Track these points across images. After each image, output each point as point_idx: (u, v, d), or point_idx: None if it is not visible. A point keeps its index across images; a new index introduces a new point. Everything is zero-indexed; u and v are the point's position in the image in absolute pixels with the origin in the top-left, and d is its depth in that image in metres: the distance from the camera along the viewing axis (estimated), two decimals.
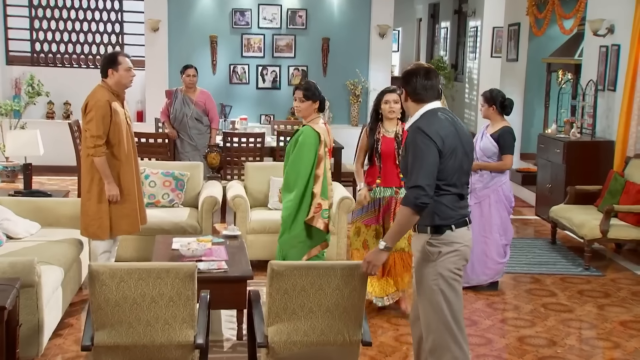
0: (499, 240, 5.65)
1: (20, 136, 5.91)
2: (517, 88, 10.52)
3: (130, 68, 5.03)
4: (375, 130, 4.94)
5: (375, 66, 10.71)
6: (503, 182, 5.60)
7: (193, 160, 7.48)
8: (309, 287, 3.57)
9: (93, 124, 4.88)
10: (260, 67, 10.65)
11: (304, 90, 4.72)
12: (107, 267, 3.47)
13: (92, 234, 5.10)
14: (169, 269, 3.50)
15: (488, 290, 5.71)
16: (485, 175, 5.61)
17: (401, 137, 4.84)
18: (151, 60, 10.33)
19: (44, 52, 10.62)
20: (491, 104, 5.59)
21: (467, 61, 14.11)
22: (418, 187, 3.28)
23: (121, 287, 3.45)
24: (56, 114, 10.56)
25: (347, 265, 3.63)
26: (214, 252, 4.84)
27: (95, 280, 3.44)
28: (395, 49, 17.69)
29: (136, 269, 3.47)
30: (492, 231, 5.62)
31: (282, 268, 3.55)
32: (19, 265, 3.98)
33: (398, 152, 4.83)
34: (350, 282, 3.60)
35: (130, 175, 5.10)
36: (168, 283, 3.49)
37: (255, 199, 6.46)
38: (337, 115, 10.70)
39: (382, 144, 4.90)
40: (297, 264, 3.62)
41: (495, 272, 5.70)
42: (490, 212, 5.61)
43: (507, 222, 5.69)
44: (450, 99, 13.97)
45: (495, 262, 5.66)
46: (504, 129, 5.56)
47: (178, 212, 6.13)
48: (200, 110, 7.60)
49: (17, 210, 5.38)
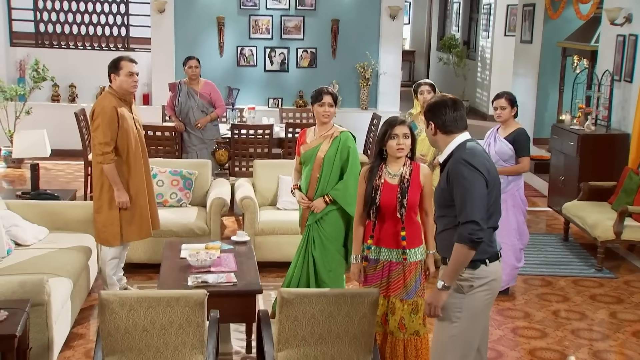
0: (516, 245, 5.67)
1: (27, 137, 5.92)
2: (531, 71, 10.42)
3: (132, 73, 5.01)
4: (376, 173, 3.98)
5: (385, 48, 10.61)
6: (520, 186, 5.59)
7: (201, 154, 7.49)
8: (318, 315, 3.62)
9: (100, 131, 4.90)
10: (268, 49, 10.56)
11: (333, 94, 4.75)
12: (117, 295, 3.51)
13: (103, 241, 5.16)
14: (179, 297, 3.54)
15: (499, 295, 5.72)
16: (502, 180, 5.55)
17: (408, 182, 3.93)
18: (157, 42, 10.27)
19: (49, 32, 10.56)
20: (513, 106, 5.52)
21: (480, 39, 13.97)
22: (472, 222, 3.21)
23: (131, 315, 3.51)
24: (61, 97, 10.54)
25: (357, 292, 3.67)
26: (223, 261, 4.87)
27: (105, 308, 3.48)
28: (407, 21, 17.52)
29: (146, 297, 3.52)
30: (510, 236, 5.62)
31: (292, 296, 3.59)
32: (29, 285, 4.03)
33: (402, 203, 3.91)
34: (360, 309, 3.65)
35: (140, 181, 5.13)
36: (178, 311, 3.54)
37: (264, 198, 6.48)
38: (347, 98, 10.64)
39: (383, 193, 3.93)
40: (307, 291, 3.67)
41: (511, 278, 5.73)
42: (508, 217, 5.59)
43: (523, 226, 5.69)
44: (462, 78, 13.87)
45: (512, 267, 5.68)
46: (519, 130, 5.52)
47: (186, 213, 6.16)
48: (206, 101, 7.57)
49: (25, 214, 5.42)
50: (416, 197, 3.97)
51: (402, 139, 3.92)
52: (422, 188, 4.01)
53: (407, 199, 3.91)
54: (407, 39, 18.41)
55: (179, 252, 5.03)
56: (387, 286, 4.02)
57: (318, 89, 4.79)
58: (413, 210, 3.98)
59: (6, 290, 3.98)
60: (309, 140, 4.86)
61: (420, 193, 4.00)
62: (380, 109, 10.63)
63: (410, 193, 3.93)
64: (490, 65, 13.30)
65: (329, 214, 4.77)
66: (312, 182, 4.81)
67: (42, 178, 7.54)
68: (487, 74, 13.50)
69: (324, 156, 4.75)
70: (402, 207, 3.91)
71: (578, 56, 9.42)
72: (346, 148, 4.72)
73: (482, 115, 13.36)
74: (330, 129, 4.81)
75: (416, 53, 18.22)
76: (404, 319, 4.00)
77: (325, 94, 4.73)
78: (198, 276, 4.55)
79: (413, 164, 4.02)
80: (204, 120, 7.51)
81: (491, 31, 13.26)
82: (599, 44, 8.33)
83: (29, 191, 6.17)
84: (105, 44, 10.62)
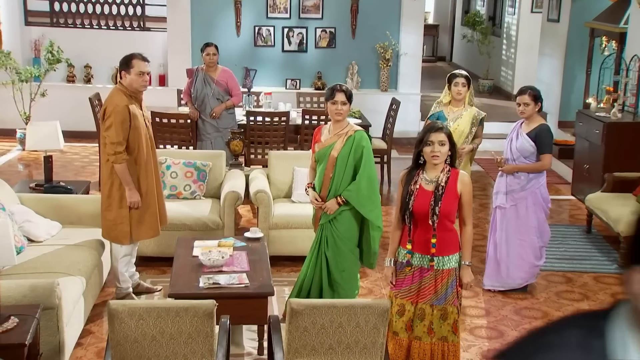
0: (536, 243, 5.64)
1: (40, 129, 5.97)
2: (558, 51, 10.25)
3: (143, 73, 5.00)
4: (413, 178, 4.02)
5: (407, 28, 10.49)
6: (541, 184, 5.53)
7: (215, 142, 7.50)
8: (328, 325, 3.65)
9: (112, 131, 4.91)
10: (286, 29, 10.51)
11: (347, 92, 4.72)
12: (126, 305, 3.56)
13: (113, 238, 5.21)
14: (188, 307, 3.58)
15: (517, 292, 5.73)
16: (522, 177, 5.54)
17: (443, 190, 3.91)
18: (173, 21, 10.26)
19: (63, 11, 10.57)
20: (537, 102, 5.45)
21: (506, 16, 13.76)
22: None
23: (140, 325, 3.56)
24: (77, 77, 10.59)
25: (367, 304, 3.68)
26: (235, 260, 4.91)
27: (114, 318, 3.54)
28: None
29: (155, 307, 3.57)
30: (530, 234, 5.60)
31: (302, 307, 3.61)
32: (40, 289, 4.10)
33: (434, 210, 3.90)
34: (371, 319, 3.66)
35: (151, 179, 5.15)
36: (187, 320, 3.59)
37: (279, 190, 6.49)
38: (366, 80, 10.58)
39: (416, 198, 3.95)
40: (316, 302, 3.69)
41: (530, 275, 5.72)
42: (527, 215, 5.57)
43: (544, 224, 5.65)
44: (486, 56, 13.70)
45: (531, 264, 5.67)
46: (542, 126, 5.45)
47: (200, 206, 6.20)
48: (222, 89, 7.56)
49: (38, 208, 5.50)
50: (450, 206, 3.94)
51: (437, 146, 3.92)
52: (460, 196, 3.98)
53: (439, 207, 3.90)
54: (431, 13, 18.17)
55: (191, 249, 5.08)
56: (417, 292, 4.03)
57: (331, 86, 4.76)
58: (448, 219, 3.95)
59: (17, 294, 4.05)
60: (324, 139, 4.84)
61: (456, 202, 3.98)
62: (401, 90, 10.56)
63: (444, 201, 3.91)
64: (515, 44, 13.10)
65: (342, 214, 4.77)
66: (325, 181, 4.80)
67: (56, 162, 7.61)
68: (512, 52, 13.30)
69: (337, 155, 4.72)
70: (434, 214, 3.91)
71: (607, 37, 9.24)
72: (360, 148, 4.69)
73: (507, 95, 13.19)
74: (345, 127, 4.77)
75: (440, 27, 17.97)
76: (432, 324, 4.02)
77: (338, 92, 4.69)
78: (210, 277, 4.60)
79: (452, 170, 4.00)
80: (219, 109, 7.51)
81: (517, 7, 13.04)
82: (628, 26, 8.16)
83: (42, 183, 6.23)
84: (120, 23, 10.61)
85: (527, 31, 12.62)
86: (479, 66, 14.26)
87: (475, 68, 14.56)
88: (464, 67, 14.88)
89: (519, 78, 12.63)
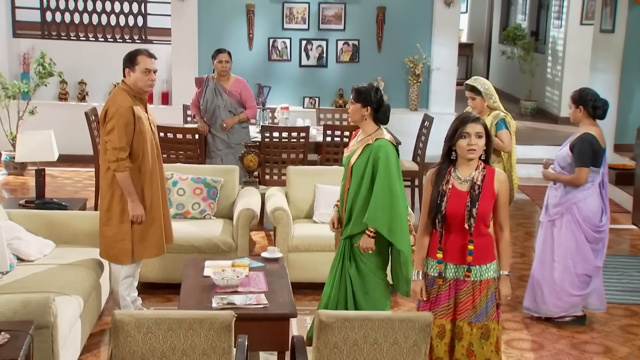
0: (573, 269, 5.59)
1: (33, 139, 6.05)
2: (613, 66, 10.31)
3: (149, 70, 5.08)
4: (444, 177, 4.00)
5: (439, 40, 10.61)
6: (579, 200, 5.50)
7: (226, 159, 7.57)
8: (362, 342, 3.63)
9: (115, 135, 4.97)
10: (304, 42, 10.65)
11: (354, 91, 4.76)
12: (132, 316, 3.56)
13: (112, 258, 5.23)
14: (202, 319, 3.58)
15: (574, 325, 5.67)
16: (559, 189, 5.58)
17: (480, 189, 3.90)
18: (178, 33, 10.44)
19: (56, 22, 10.78)
20: (579, 105, 5.49)
21: (551, 29, 13.89)
22: None
23: (148, 339, 3.56)
24: (70, 95, 10.74)
25: (406, 317, 3.66)
26: (252, 281, 4.91)
27: (119, 330, 3.54)
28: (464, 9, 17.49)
29: (165, 319, 3.57)
30: (565, 256, 5.57)
31: (332, 319, 3.61)
32: (33, 304, 4.11)
33: (471, 212, 3.88)
34: (410, 335, 3.64)
35: (156, 190, 5.19)
36: (201, 334, 3.58)
37: (299, 210, 6.52)
38: (394, 98, 10.65)
39: (450, 199, 3.93)
40: (348, 314, 3.68)
41: (569, 306, 5.66)
42: (563, 234, 5.55)
43: (585, 248, 5.56)
44: (528, 75, 13.78)
45: (567, 293, 5.62)
46: (582, 136, 5.47)
47: (210, 226, 6.22)
48: (235, 101, 7.66)
49: (29, 225, 5.54)
50: (488, 207, 3.95)
51: (474, 138, 3.90)
52: (497, 197, 3.98)
53: (477, 209, 3.89)
54: (464, 31, 18.36)
55: (201, 270, 5.09)
56: (454, 308, 3.99)
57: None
58: (484, 222, 3.96)
59: (7, 310, 4.06)
60: (351, 144, 4.90)
61: (493, 202, 3.98)
62: (433, 109, 10.62)
63: (481, 202, 3.91)
64: (562, 59, 13.17)
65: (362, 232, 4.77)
66: (344, 193, 4.87)
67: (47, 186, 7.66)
68: (558, 69, 13.38)
69: (353, 165, 4.76)
70: (471, 217, 3.89)
71: None
72: (376, 159, 4.67)
73: (553, 118, 13.24)
74: (371, 134, 4.76)
75: (474, 46, 18.15)
76: (472, 345, 3.98)
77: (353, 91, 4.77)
78: (224, 297, 4.59)
79: (487, 168, 3.98)
80: (231, 121, 7.59)
81: (564, 19, 13.15)
82: None
83: (34, 200, 6.30)
84: (119, 36, 10.80)
85: (576, 45, 12.71)
86: (520, 87, 14.33)
87: (516, 89, 14.63)
88: (502, 89, 14.99)
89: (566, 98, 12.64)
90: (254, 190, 6.75)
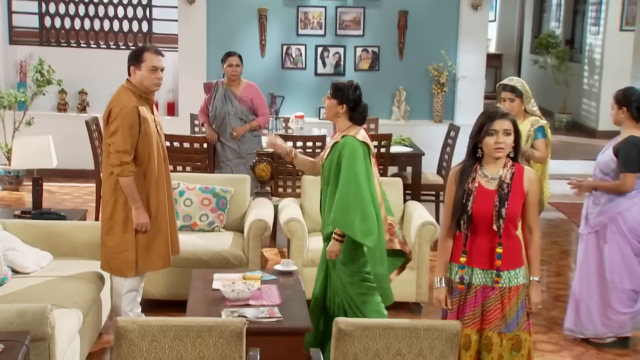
0: (617, 284, 5.55)
1: (29, 145, 6.12)
2: None
3: (156, 68, 5.13)
4: (469, 175, 4.01)
5: (466, 47, 10.65)
6: (624, 209, 5.47)
7: (237, 170, 7.60)
8: (384, 352, 3.64)
9: (118, 136, 5.01)
10: (320, 48, 10.73)
11: (332, 86, 4.87)
12: (137, 323, 3.58)
13: (114, 270, 5.25)
14: (212, 326, 3.59)
15: (615, 347, 5.62)
16: (601, 198, 5.54)
17: (509, 188, 3.92)
18: (186, 40, 10.53)
19: (55, 28, 10.93)
20: (622, 106, 5.49)
21: (587, 36, 13.92)
22: None
23: (153, 348, 3.57)
24: (69, 105, 10.85)
25: (432, 325, 3.66)
26: (264, 294, 4.92)
27: (122, 339, 3.56)
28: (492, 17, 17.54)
29: (172, 326, 3.58)
30: (611, 271, 5.54)
31: (352, 328, 3.61)
32: (29, 315, 4.13)
33: (500, 213, 3.89)
34: (437, 346, 3.64)
35: (162, 197, 5.22)
36: (210, 343, 3.60)
37: (315, 222, 6.52)
38: (416, 108, 10.70)
39: (476, 199, 3.94)
40: (369, 322, 3.68)
41: (619, 325, 5.61)
42: (608, 247, 5.52)
43: (631, 261, 5.53)
44: (563, 85, 13.79)
45: (616, 312, 5.58)
46: (628, 139, 5.45)
47: (219, 239, 6.25)
48: (246, 107, 7.71)
49: (25, 237, 5.58)
50: (518, 207, 3.96)
51: (502, 136, 3.91)
52: (526, 196, 3.99)
53: (506, 209, 3.90)
54: (493, 40, 18.40)
55: (210, 282, 5.11)
56: (481, 317, 3.99)
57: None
58: (512, 223, 3.96)
59: (2, 321, 4.07)
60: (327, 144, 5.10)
61: (523, 202, 3.99)
62: (459, 121, 10.58)
63: (510, 201, 3.92)
64: (600, 69, 13.19)
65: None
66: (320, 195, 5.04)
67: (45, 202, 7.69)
68: (596, 79, 13.38)
69: (322, 165, 4.92)
70: (500, 217, 3.90)
71: None
72: (340, 157, 4.75)
73: (590, 132, 13.22)
74: (342, 131, 4.85)
75: (503, 57, 18.18)
76: (502, 357, 3.96)
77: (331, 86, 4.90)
78: (234, 310, 4.61)
79: (515, 165, 4.00)
80: (242, 129, 7.64)
81: (602, 25, 13.19)
82: None
83: (30, 210, 6.34)
84: (123, 42, 10.93)
85: (616, 53, 12.73)
86: (554, 98, 14.33)
87: (550, 101, 14.63)
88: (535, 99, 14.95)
89: (605, 110, 12.65)
90: (266, 201, 6.78)
